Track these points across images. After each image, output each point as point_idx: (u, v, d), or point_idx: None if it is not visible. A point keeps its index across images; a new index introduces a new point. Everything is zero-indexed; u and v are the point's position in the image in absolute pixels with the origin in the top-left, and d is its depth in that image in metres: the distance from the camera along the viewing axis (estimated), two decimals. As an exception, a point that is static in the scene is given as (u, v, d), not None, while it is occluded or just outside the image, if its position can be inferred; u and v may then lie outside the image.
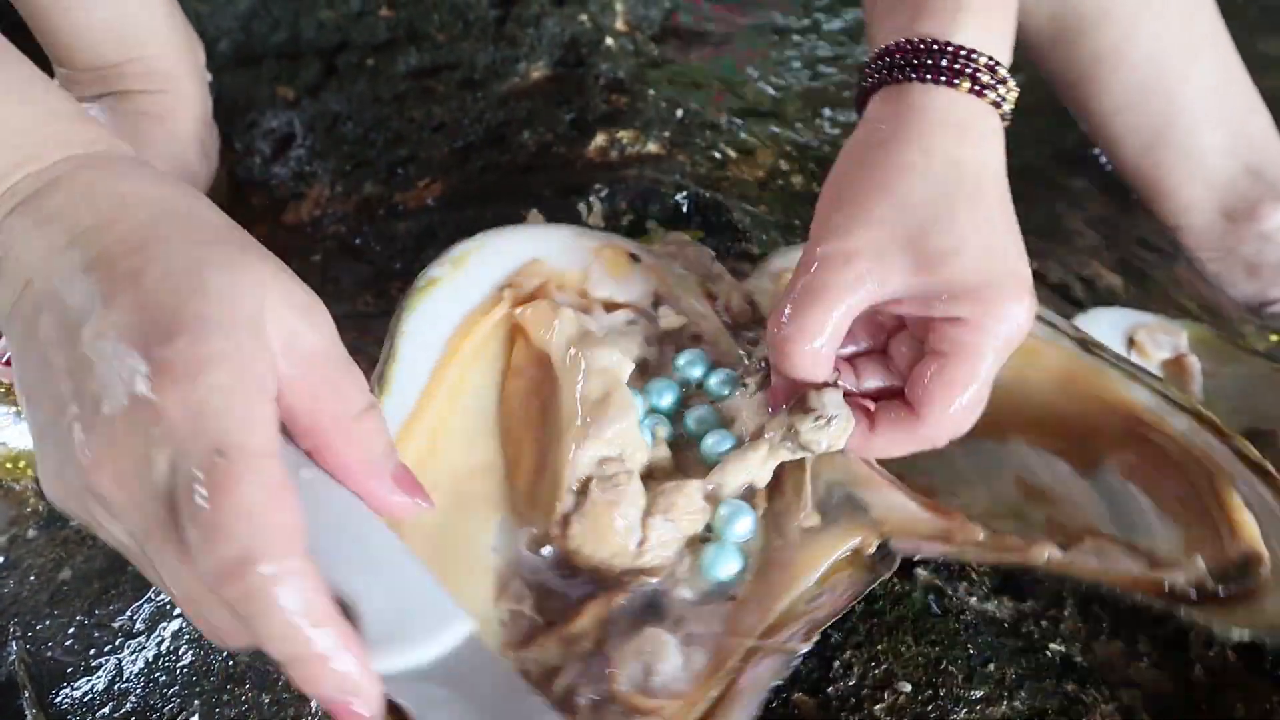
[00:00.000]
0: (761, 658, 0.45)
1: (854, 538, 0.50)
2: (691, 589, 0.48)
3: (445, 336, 0.51)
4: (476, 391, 0.52)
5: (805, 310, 0.46)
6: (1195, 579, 0.49)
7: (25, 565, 0.54)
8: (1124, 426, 0.55)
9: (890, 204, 0.46)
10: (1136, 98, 0.79)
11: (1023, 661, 0.51)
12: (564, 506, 0.47)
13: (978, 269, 0.47)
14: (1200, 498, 0.52)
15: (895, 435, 0.48)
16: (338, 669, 0.35)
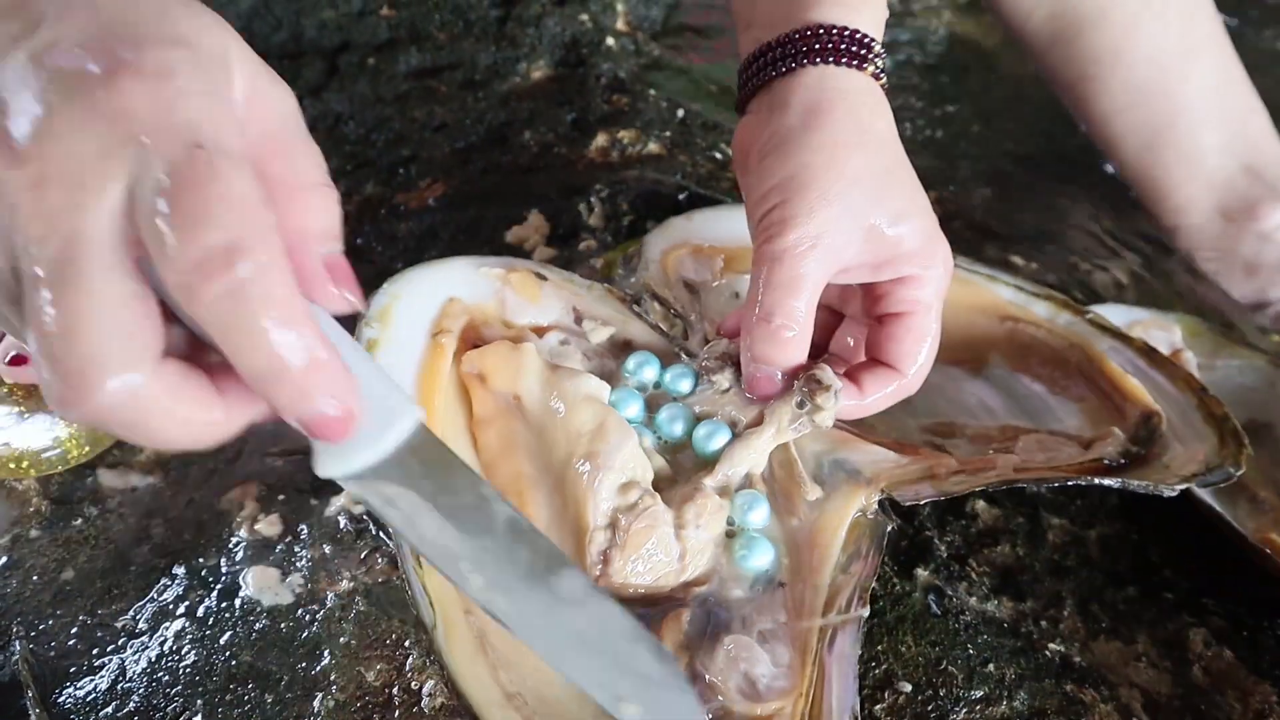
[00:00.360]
0: (834, 632, 0.46)
1: (858, 499, 0.51)
2: (739, 587, 0.48)
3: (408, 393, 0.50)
4: (454, 445, 0.50)
5: (784, 304, 0.47)
6: (1121, 447, 0.54)
7: (28, 565, 0.55)
8: (997, 325, 0.61)
9: (843, 182, 0.47)
10: (1136, 98, 0.79)
11: (1022, 661, 0.51)
12: (598, 545, 0.47)
13: (921, 229, 0.49)
14: (1083, 372, 0.59)
15: (883, 393, 0.50)
16: (325, 378, 0.32)
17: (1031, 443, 0.54)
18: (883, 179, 0.49)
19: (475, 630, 0.45)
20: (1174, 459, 0.53)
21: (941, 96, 0.98)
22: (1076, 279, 0.78)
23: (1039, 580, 0.55)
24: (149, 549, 0.55)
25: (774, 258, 0.47)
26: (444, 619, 0.44)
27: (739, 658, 0.45)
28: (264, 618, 0.51)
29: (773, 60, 0.51)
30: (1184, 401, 0.56)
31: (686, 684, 0.38)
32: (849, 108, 0.49)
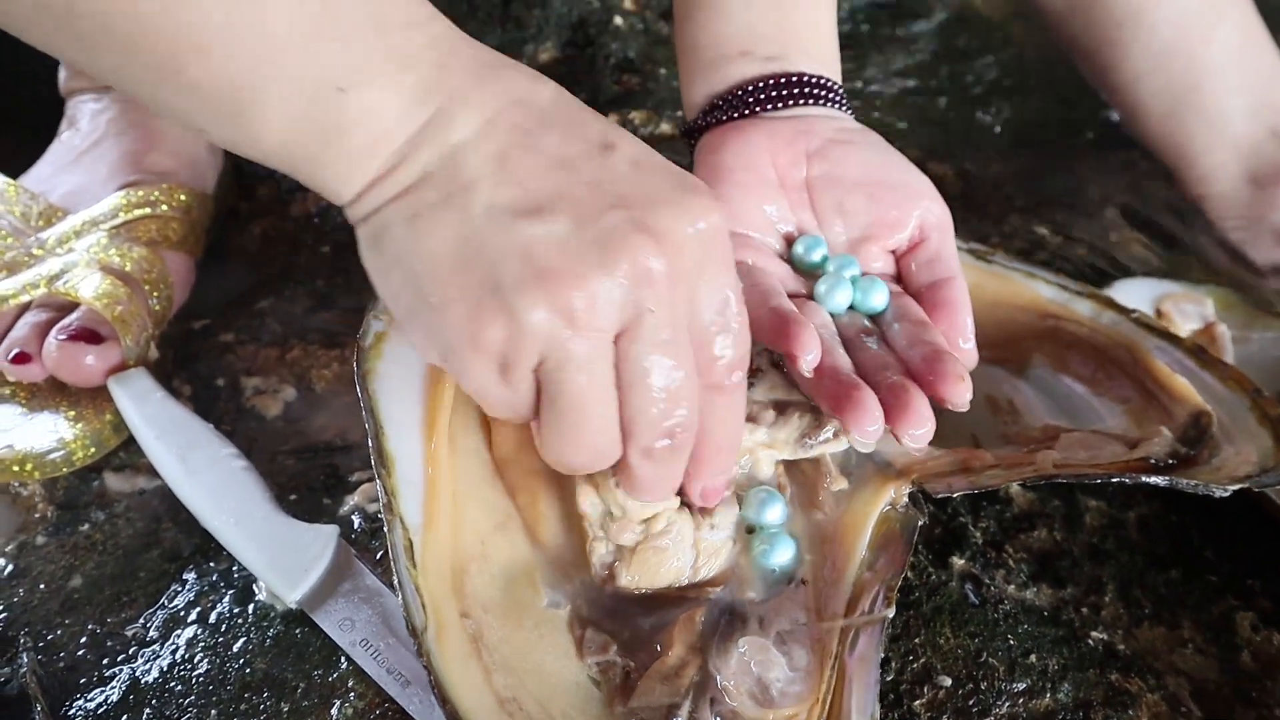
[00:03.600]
0: (856, 633, 0.44)
1: (887, 491, 0.49)
2: (758, 585, 0.46)
3: (420, 393, 0.48)
4: (467, 444, 0.49)
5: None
6: (1169, 447, 0.51)
7: (35, 573, 0.53)
8: (1038, 323, 0.59)
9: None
10: (1158, 63, 0.77)
11: (1064, 651, 0.49)
12: (600, 556, 0.45)
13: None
14: (1127, 372, 0.56)
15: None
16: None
17: (1073, 441, 0.52)
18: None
19: (470, 634, 0.43)
20: (1225, 460, 0.50)
21: (959, 68, 0.96)
22: (1103, 251, 0.76)
23: (1078, 565, 0.53)
24: (158, 554, 0.54)
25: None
26: (436, 621, 0.42)
27: (753, 661, 0.43)
28: (278, 623, 0.50)
29: (763, 99, 0.56)
30: (1236, 402, 0.54)
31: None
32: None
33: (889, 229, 0.54)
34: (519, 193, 0.38)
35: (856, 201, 0.54)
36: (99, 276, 0.58)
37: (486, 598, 0.45)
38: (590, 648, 0.44)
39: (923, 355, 0.47)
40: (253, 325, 0.66)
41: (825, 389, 0.46)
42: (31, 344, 0.58)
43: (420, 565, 0.43)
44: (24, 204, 0.63)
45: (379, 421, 0.47)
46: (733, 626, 0.45)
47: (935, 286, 0.52)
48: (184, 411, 0.55)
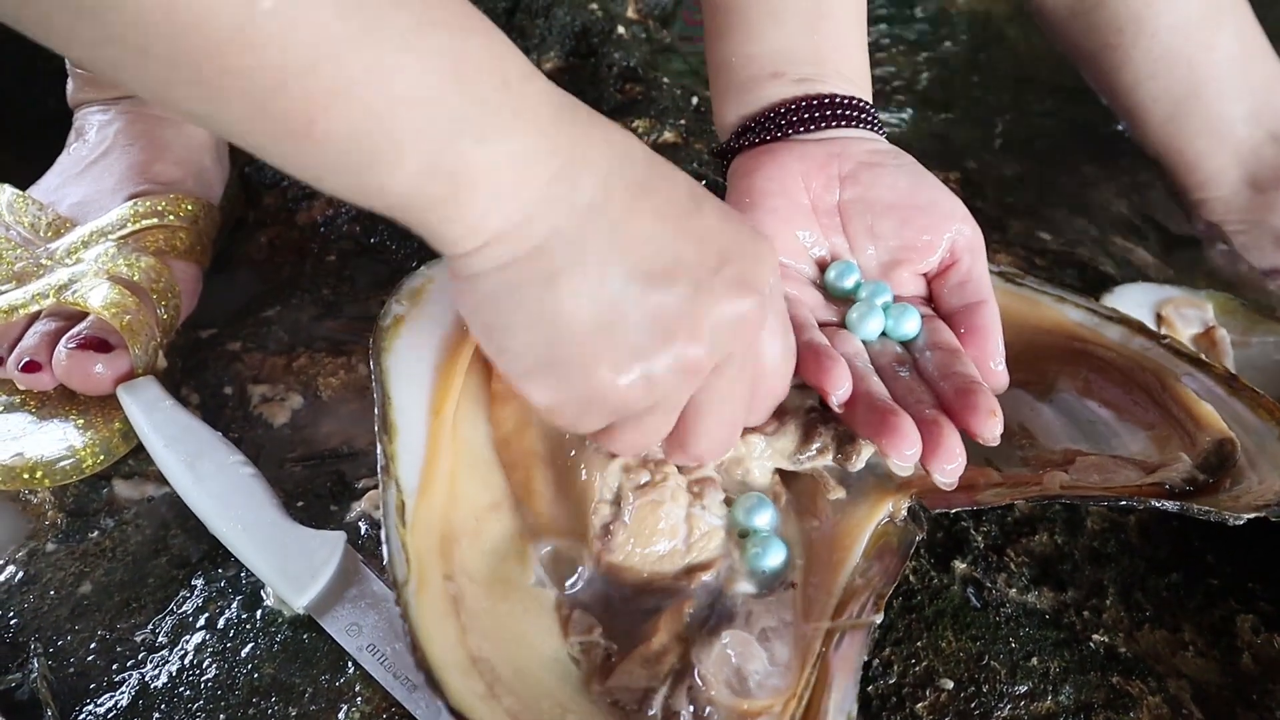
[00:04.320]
0: (841, 636, 0.45)
1: (885, 504, 0.49)
2: (750, 583, 0.47)
3: (430, 373, 0.49)
4: (471, 424, 0.50)
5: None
6: (1186, 474, 0.51)
7: (45, 579, 0.54)
8: (1065, 346, 0.59)
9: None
10: (1159, 67, 0.77)
11: (1066, 654, 0.50)
12: (602, 518, 0.46)
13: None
14: (1154, 398, 0.56)
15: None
16: None
17: (1089, 464, 0.52)
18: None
19: (452, 595, 0.44)
20: (1248, 489, 0.50)
21: (960, 73, 0.96)
22: (1104, 255, 0.76)
23: (1079, 569, 0.54)
24: (167, 560, 0.54)
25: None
26: (419, 576, 0.43)
27: (734, 652, 0.44)
28: (286, 628, 0.50)
29: (809, 118, 0.57)
30: (1265, 431, 0.53)
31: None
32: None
33: (920, 253, 0.54)
34: (646, 258, 0.40)
35: (888, 225, 0.55)
36: (107, 286, 0.59)
37: (474, 569, 0.46)
38: (576, 627, 0.45)
39: (955, 387, 0.48)
40: (260, 333, 0.66)
41: (861, 416, 0.47)
42: (41, 353, 0.58)
43: (409, 525, 0.44)
44: (33, 215, 0.64)
45: (387, 393, 0.48)
46: (719, 620, 0.45)
47: (967, 311, 0.53)
48: (192, 419, 0.56)
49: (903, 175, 0.56)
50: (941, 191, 0.56)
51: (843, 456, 0.50)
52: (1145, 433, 0.55)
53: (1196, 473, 0.50)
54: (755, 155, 0.57)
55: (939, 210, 0.55)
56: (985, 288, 0.54)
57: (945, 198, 0.55)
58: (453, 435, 0.48)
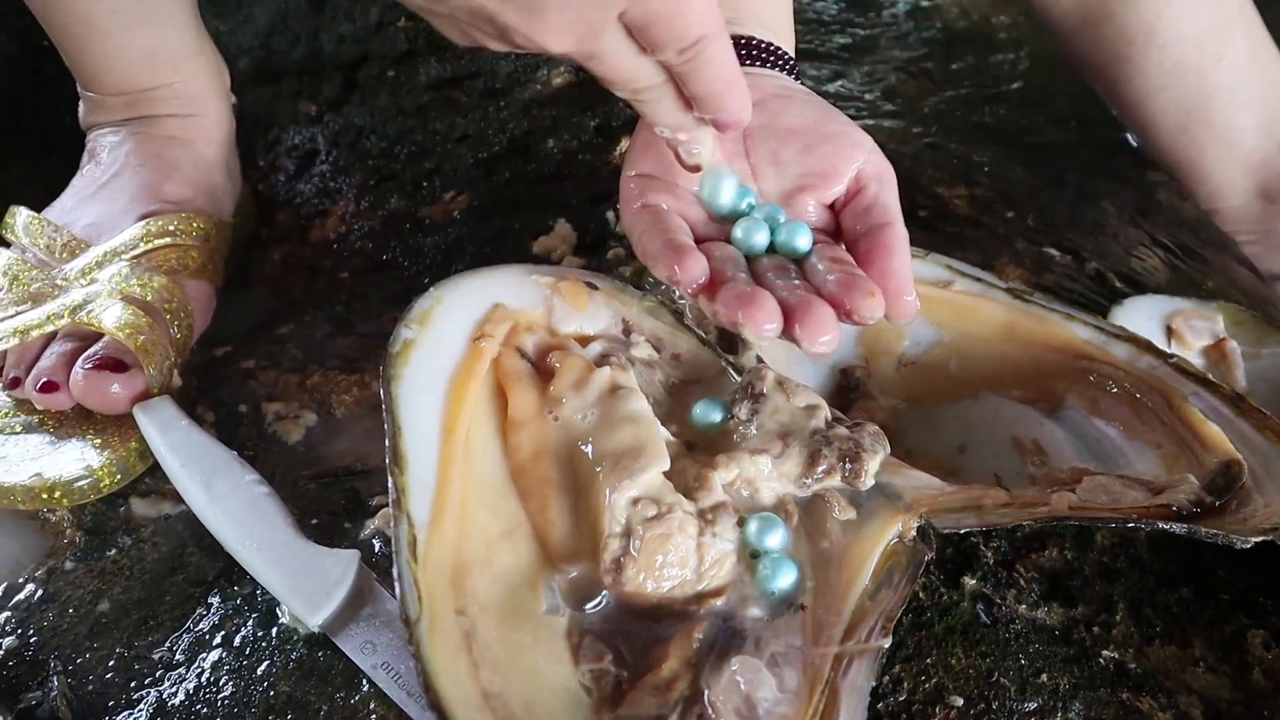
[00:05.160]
0: (850, 661, 0.45)
1: (895, 524, 0.49)
2: (759, 606, 0.47)
3: (441, 400, 0.50)
4: (483, 452, 0.50)
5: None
6: (1193, 496, 0.50)
7: (64, 598, 0.54)
8: (1073, 364, 0.59)
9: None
10: (1169, 79, 0.77)
11: (1076, 670, 0.50)
12: (612, 552, 0.46)
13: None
14: (1160, 417, 0.56)
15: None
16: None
17: (1096, 484, 0.51)
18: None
19: (463, 630, 0.44)
20: (1254, 511, 0.50)
21: (964, 84, 0.96)
22: (1113, 269, 0.76)
23: (1089, 585, 0.54)
24: (183, 578, 0.55)
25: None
26: (430, 613, 0.43)
27: (744, 679, 0.44)
28: (301, 646, 0.51)
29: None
30: (1272, 452, 0.53)
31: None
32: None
33: (825, 179, 0.54)
34: None
35: (791, 152, 0.55)
36: (121, 306, 0.60)
37: (485, 598, 0.46)
38: (587, 655, 0.45)
39: (837, 279, 0.48)
40: (273, 351, 0.67)
41: (722, 300, 0.47)
42: (58, 373, 0.59)
43: (421, 560, 0.45)
44: (48, 237, 0.65)
45: (397, 423, 0.48)
46: (729, 645, 0.45)
47: (871, 233, 0.51)
48: (207, 438, 0.57)
49: (811, 107, 0.57)
50: (851, 126, 0.56)
51: (851, 475, 0.50)
52: (1153, 451, 0.55)
53: (1203, 494, 0.50)
54: None
55: (847, 140, 0.55)
56: (893, 212, 0.52)
57: (854, 130, 0.55)
58: (465, 461, 0.49)
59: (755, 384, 0.52)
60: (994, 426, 0.59)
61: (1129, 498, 0.51)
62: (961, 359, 0.61)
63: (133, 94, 0.72)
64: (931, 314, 0.61)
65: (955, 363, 0.62)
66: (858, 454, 0.50)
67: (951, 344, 0.62)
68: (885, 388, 0.62)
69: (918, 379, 0.62)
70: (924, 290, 0.60)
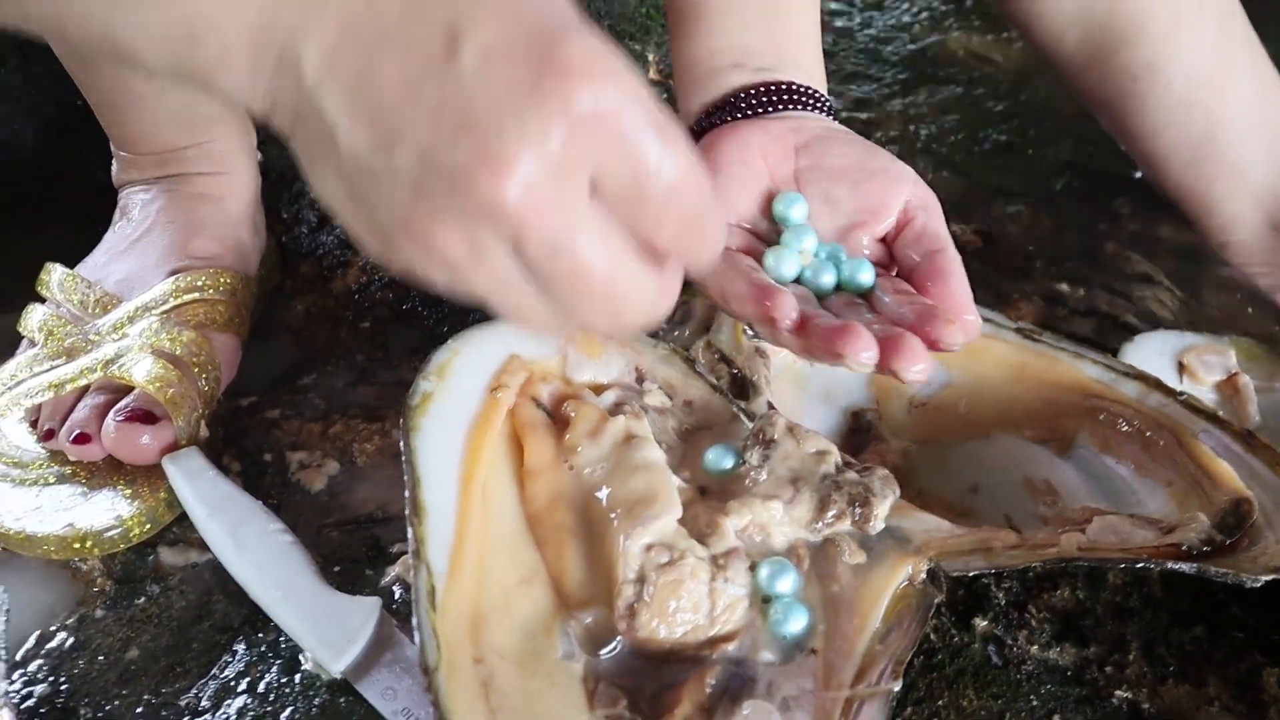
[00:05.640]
0: (861, 704, 0.46)
1: (904, 567, 0.50)
2: (771, 650, 0.48)
3: (459, 451, 0.51)
4: (501, 500, 0.52)
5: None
6: (1204, 534, 0.51)
7: (94, 645, 0.56)
8: (1083, 403, 0.59)
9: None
10: (1176, 114, 0.78)
11: (1089, 711, 0.50)
12: (625, 599, 0.47)
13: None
14: (1171, 455, 0.56)
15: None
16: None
17: (1106, 525, 0.52)
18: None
19: (481, 678, 0.45)
20: (1265, 550, 0.50)
21: (970, 123, 0.98)
22: (1125, 304, 0.77)
23: (1101, 624, 0.54)
24: (210, 626, 0.56)
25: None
26: (449, 662, 0.45)
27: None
28: (324, 692, 0.52)
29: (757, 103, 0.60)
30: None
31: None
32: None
33: (876, 215, 0.56)
34: (369, 134, 0.35)
35: (842, 190, 0.57)
36: (151, 360, 0.61)
37: (503, 646, 0.47)
38: (602, 700, 0.46)
39: (914, 313, 0.50)
40: (297, 401, 0.69)
41: (815, 336, 0.48)
42: (91, 425, 0.61)
43: (440, 609, 0.46)
44: (81, 292, 0.67)
45: (417, 474, 0.49)
46: (741, 689, 0.46)
47: (927, 259, 0.53)
48: (233, 488, 0.58)
49: (856, 146, 0.59)
50: (893, 160, 0.58)
51: (861, 519, 0.51)
52: (1164, 489, 0.55)
53: (1214, 533, 0.51)
54: (718, 133, 0.60)
55: (890, 175, 0.57)
56: (944, 238, 0.54)
57: (896, 164, 0.58)
58: (483, 510, 0.50)
59: (766, 430, 0.54)
60: (1005, 467, 0.60)
61: (1138, 537, 0.51)
62: (972, 400, 0.62)
63: (164, 153, 0.74)
64: (941, 355, 0.62)
65: (966, 404, 0.62)
66: (867, 499, 0.51)
67: (962, 385, 0.63)
68: (897, 429, 0.62)
69: (929, 420, 0.63)
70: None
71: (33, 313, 0.66)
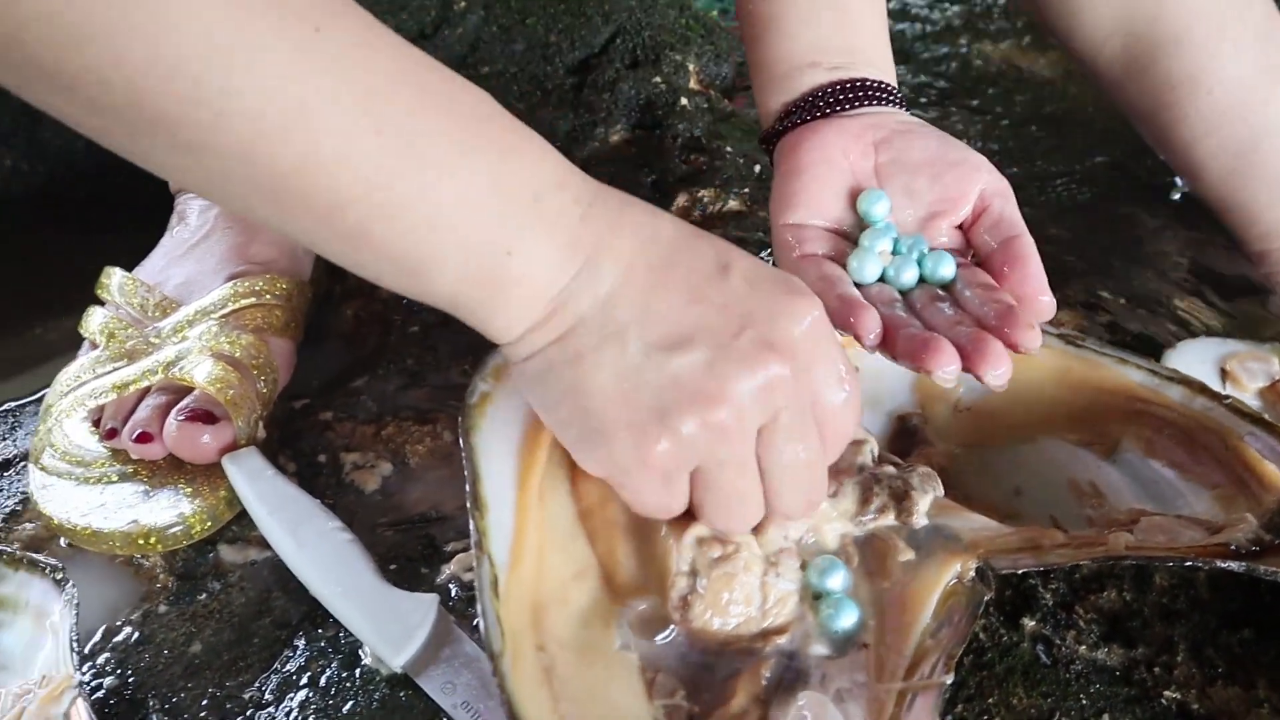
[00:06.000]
0: (914, 697, 0.46)
1: (953, 565, 0.51)
2: (823, 644, 0.49)
3: (515, 447, 0.52)
4: (555, 495, 0.53)
5: None
6: (1251, 535, 0.51)
7: (159, 640, 0.57)
8: (1128, 407, 0.60)
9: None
10: (1217, 123, 0.78)
11: (1138, 711, 0.51)
12: (679, 590, 0.48)
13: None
14: (1217, 458, 0.57)
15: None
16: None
17: (1153, 524, 0.53)
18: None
19: (544, 665, 0.47)
20: None
21: (1010, 131, 0.98)
22: (1167, 312, 0.77)
23: (1149, 625, 0.55)
24: (270, 621, 0.58)
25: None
26: (513, 649, 0.46)
27: (811, 715, 0.46)
28: (383, 686, 0.53)
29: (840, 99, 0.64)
30: None
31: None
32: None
33: (954, 204, 0.60)
34: (664, 329, 0.44)
35: (922, 182, 0.60)
36: (211, 362, 0.63)
37: (563, 635, 0.48)
38: (660, 690, 0.47)
39: (995, 312, 0.54)
40: (349, 403, 0.70)
41: (901, 347, 0.53)
42: (153, 425, 0.63)
43: (503, 598, 0.47)
44: (141, 296, 0.69)
45: (477, 471, 0.50)
46: (795, 681, 0.47)
47: (1003, 246, 0.57)
48: (293, 488, 0.60)
49: (932, 138, 0.62)
50: (969, 151, 0.62)
51: (904, 514, 0.52)
52: (1210, 492, 0.56)
53: (1262, 533, 0.51)
54: (798, 133, 0.63)
55: (967, 164, 0.60)
56: (1018, 224, 0.58)
57: (972, 154, 0.61)
58: (539, 505, 0.51)
59: None
60: (1050, 470, 0.61)
61: (1186, 537, 0.52)
62: (1016, 404, 0.63)
63: None
64: (986, 360, 0.63)
65: (1010, 407, 0.63)
66: (907, 492, 0.52)
67: (1006, 389, 0.63)
68: (942, 433, 0.63)
69: (973, 424, 0.63)
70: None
71: (93, 315, 0.68)
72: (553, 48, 0.94)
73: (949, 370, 0.51)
